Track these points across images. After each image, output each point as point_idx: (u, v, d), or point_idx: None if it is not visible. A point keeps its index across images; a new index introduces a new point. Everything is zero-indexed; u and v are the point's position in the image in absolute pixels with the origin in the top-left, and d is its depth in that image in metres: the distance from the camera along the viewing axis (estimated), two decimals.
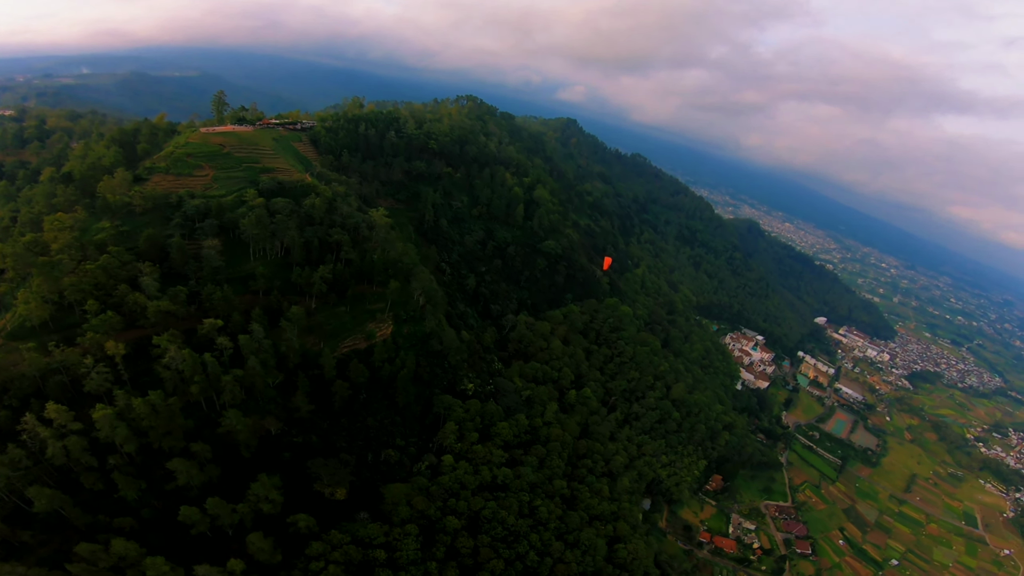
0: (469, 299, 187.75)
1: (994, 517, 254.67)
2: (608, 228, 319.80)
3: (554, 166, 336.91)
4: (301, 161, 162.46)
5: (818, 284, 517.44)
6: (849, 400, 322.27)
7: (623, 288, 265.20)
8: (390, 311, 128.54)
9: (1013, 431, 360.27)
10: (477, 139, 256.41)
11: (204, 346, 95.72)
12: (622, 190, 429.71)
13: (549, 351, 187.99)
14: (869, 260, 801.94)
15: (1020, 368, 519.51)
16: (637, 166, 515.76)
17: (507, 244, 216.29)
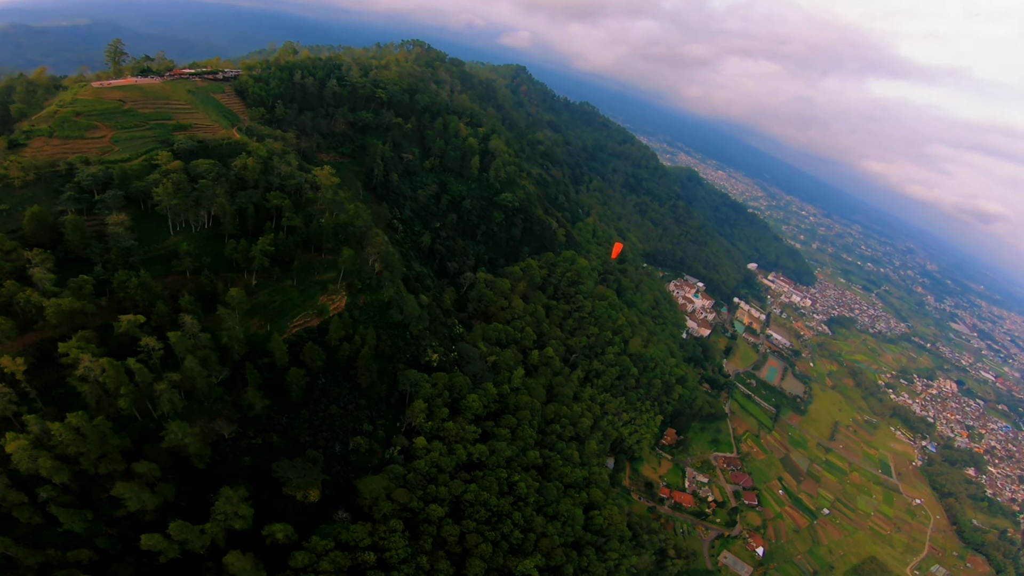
0: (424, 257, 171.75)
1: (905, 466, 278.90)
2: (560, 178, 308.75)
3: (506, 115, 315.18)
4: (225, 116, 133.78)
5: (750, 231, 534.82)
6: (779, 347, 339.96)
7: (578, 239, 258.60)
8: (343, 281, 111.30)
9: (917, 377, 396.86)
10: (428, 87, 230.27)
11: (126, 348, 76.50)
12: (571, 139, 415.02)
13: (511, 310, 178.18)
14: (791, 208, 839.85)
15: (921, 314, 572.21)
16: (585, 115, 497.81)
17: (462, 197, 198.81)
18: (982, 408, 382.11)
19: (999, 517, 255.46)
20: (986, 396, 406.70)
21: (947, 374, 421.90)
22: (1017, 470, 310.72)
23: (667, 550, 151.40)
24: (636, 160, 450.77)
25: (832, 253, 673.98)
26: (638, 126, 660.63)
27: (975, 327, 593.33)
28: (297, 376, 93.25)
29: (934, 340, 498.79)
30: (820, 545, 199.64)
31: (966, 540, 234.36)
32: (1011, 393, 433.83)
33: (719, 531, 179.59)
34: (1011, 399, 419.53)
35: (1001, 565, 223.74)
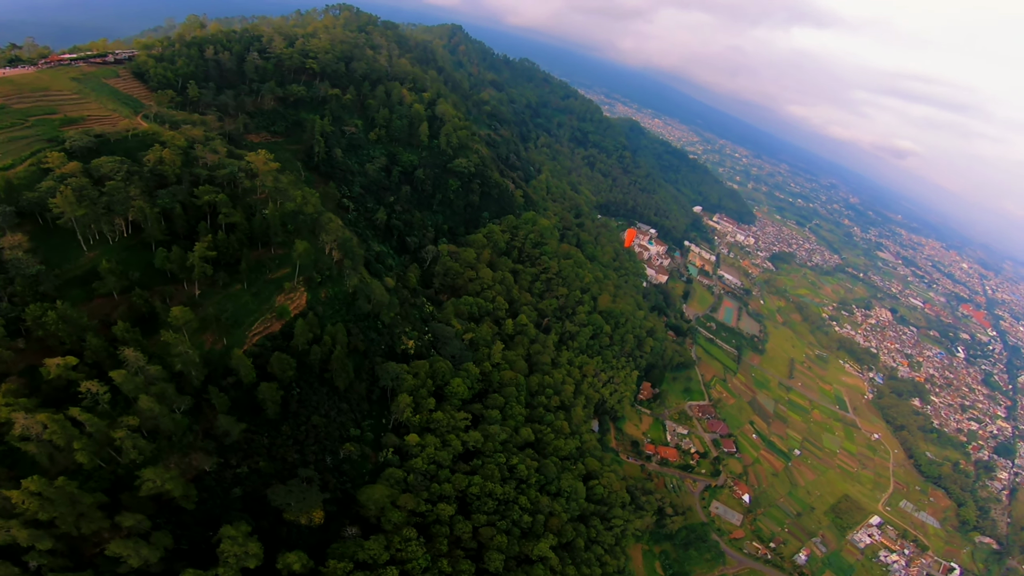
0: (381, 235, 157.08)
1: (858, 400, 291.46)
2: (509, 137, 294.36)
3: (448, 77, 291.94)
4: (125, 103, 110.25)
5: (692, 176, 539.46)
6: (731, 287, 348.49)
7: (534, 197, 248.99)
8: (300, 276, 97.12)
9: (855, 307, 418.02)
10: (364, 54, 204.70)
11: (64, 394, 63.37)
12: (515, 96, 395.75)
13: (479, 280, 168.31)
14: (725, 151, 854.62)
15: (851, 245, 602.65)
16: (526, 71, 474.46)
17: (414, 167, 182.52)
18: (916, 335, 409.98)
19: (949, 448, 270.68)
20: (918, 323, 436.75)
21: (881, 303, 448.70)
22: (957, 398, 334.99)
23: (664, 508, 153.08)
24: (580, 114, 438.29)
25: (766, 192, 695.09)
26: (576, 79, 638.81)
27: (899, 255, 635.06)
28: (269, 391, 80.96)
29: (865, 270, 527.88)
30: (798, 487, 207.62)
31: (924, 473, 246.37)
32: (939, 318, 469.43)
33: (706, 482, 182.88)
34: (940, 324, 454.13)
35: (960, 498, 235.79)
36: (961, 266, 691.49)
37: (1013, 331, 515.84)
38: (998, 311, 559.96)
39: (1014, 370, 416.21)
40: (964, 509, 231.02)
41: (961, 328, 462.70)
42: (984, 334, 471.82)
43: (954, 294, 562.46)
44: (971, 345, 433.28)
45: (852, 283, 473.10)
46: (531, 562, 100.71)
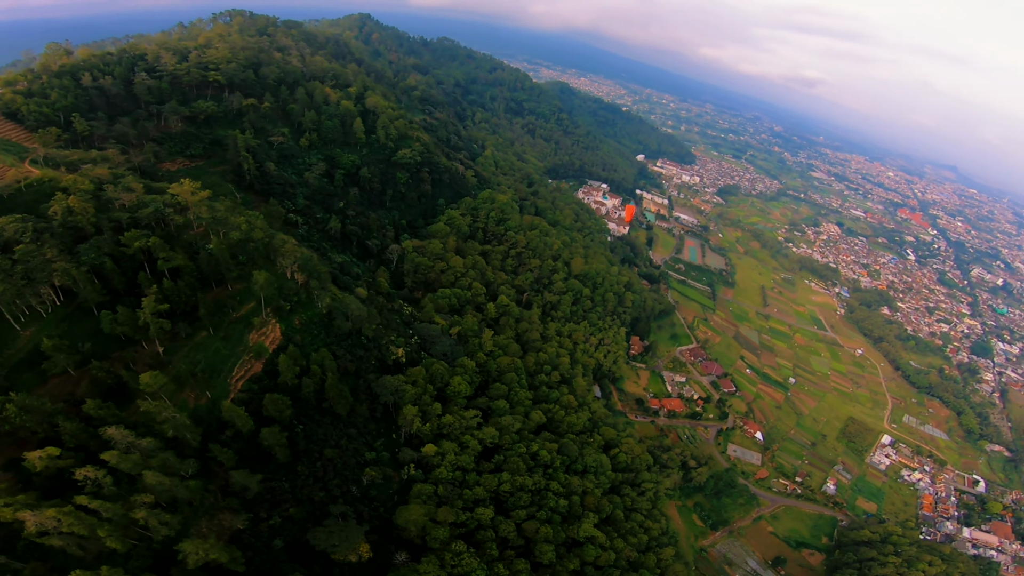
0: (339, 244, 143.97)
1: (833, 317, 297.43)
2: (446, 119, 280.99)
3: (369, 67, 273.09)
4: (5, 149, 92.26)
5: (628, 127, 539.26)
6: (689, 226, 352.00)
7: (485, 175, 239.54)
8: (267, 308, 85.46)
9: (805, 226, 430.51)
10: (272, 57, 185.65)
11: (59, 482, 56.61)
12: (442, 77, 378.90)
13: (451, 270, 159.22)
14: (652, 99, 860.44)
15: (785, 169, 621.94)
16: (447, 51, 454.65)
17: (357, 167, 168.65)
18: (866, 244, 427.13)
19: (929, 355, 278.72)
20: (864, 232, 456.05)
21: (826, 219, 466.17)
22: (921, 301, 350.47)
23: (687, 462, 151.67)
24: (510, 84, 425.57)
25: (698, 132, 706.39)
26: (498, 51, 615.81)
27: (830, 172, 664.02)
28: (273, 436, 72.90)
29: (804, 190, 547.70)
30: (803, 416, 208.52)
31: (914, 384, 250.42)
32: (882, 225, 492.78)
33: (716, 426, 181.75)
34: (885, 230, 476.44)
35: (957, 407, 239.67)
36: (887, 175, 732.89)
37: (951, 227, 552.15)
38: (932, 211, 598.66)
39: (964, 266, 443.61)
40: (964, 417, 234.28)
41: (904, 231, 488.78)
42: (926, 234, 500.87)
43: (889, 201, 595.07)
44: (917, 246, 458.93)
45: (796, 204, 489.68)
46: (579, 544, 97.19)
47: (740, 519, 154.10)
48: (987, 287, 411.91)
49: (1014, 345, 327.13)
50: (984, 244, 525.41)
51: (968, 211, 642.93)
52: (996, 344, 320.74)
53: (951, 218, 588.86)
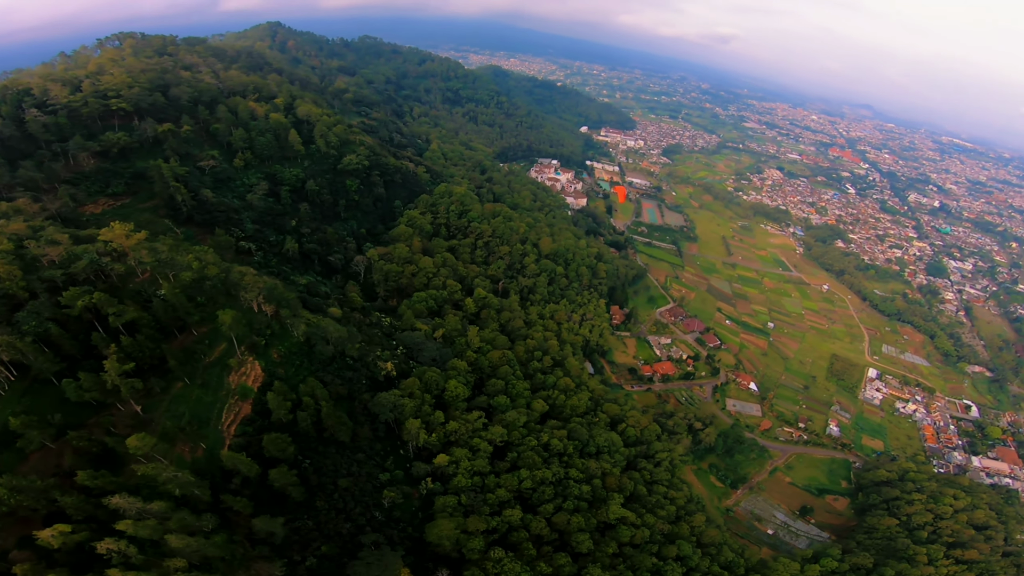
0: (300, 265, 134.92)
1: (793, 256, 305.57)
2: (384, 118, 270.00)
3: (292, 75, 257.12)
4: None
5: (566, 101, 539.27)
6: (643, 189, 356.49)
7: (437, 169, 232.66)
8: (241, 346, 77.62)
9: (749, 174, 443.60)
10: (180, 77, 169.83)
11: (81, 555, 52.92)
12: (370, 76, 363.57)
13: (422, 272, 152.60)
14: (583, 71, 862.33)
15: (720, 124, 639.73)
16: (371, 48, 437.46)
17: (302, 181, 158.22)
18: (808, 184, 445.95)
19: (890, 281, 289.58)
20: (803, 173, 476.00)
21: (767, 165, 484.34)
22: (870, 231, 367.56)
23: (693, 424, 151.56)
24: (442, 75, 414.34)
25: (633, 98, 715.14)
26: (422, 43, 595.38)
27: (760, 121, 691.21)
28: (283, 477, 68.57)
29: (741, 141, 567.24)
30: (789, 360, 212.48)
31: (883, 312, 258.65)
32: (818, 165, 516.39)
33: (711, 383, 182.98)
34: (822, 169, 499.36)
35: (929, 330, 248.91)
36: (812, 118, 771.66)
37: (880, 160, 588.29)
38: (859, 146, 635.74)
39: (901, 193, 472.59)
40: (938, 340, 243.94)
41: (839, 168, 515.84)
42: (859, 168, 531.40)
43: (819, 142, 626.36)
44: (854, 180, 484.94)
45: (737, 155, 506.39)
46: (611, 527, 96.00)
47: (757, 474, 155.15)
48: (926, 210, 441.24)
49: (966, 261, 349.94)
50: (913, 172, 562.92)
51: (891, 143, 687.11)
52: (949, 263, 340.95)
53: (878, 151, 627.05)
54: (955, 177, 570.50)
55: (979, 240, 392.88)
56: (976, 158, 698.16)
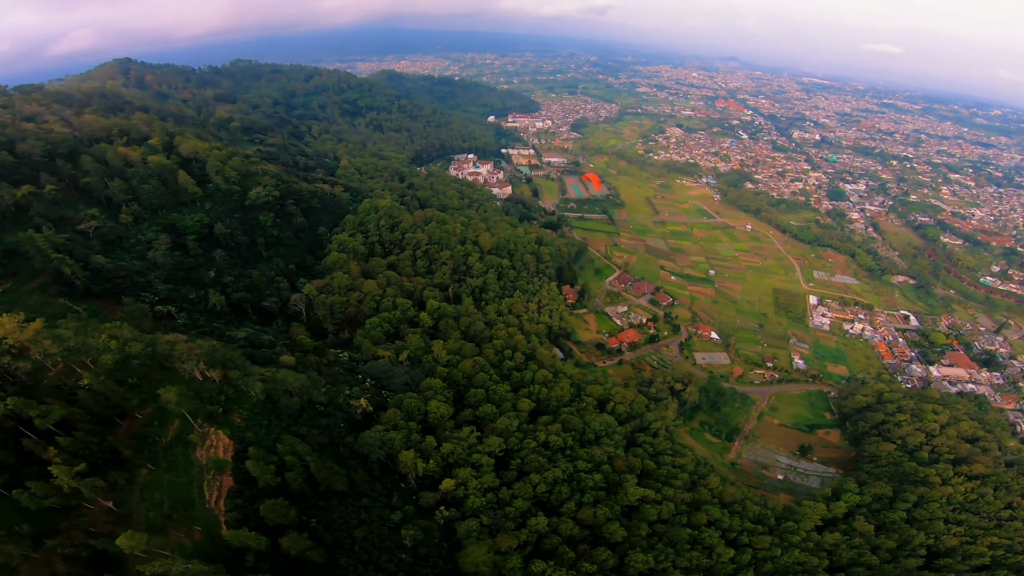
0: (233, 318, 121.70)
1: (713, 204, 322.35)
2: (282, 142, 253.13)
3: (163, 112, 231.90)
4: None
5: (469, 94, 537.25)
6: (562, 167, 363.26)
7: (354, 186, 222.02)
8: (198, 420, 68.02)
9: (653, 135, 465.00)
10: (22, 129, 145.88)
11: None
12: (254, 100, 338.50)
13: (369, 297, 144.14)
14: (476, 62, 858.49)
15: (615, 92, 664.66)
16: (247, 71, 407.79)
17: (209, 227, 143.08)
18: (706, 136, 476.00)
19: (801, 211, 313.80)
20: (700, 127, 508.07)
21: (666, 124, 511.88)
22: (771, 170, 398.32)
23: (673, 387, 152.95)
24: (335, 87, 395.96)
25: (530, 80, 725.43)
26: (301, 58, 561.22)
27: (650, 85, 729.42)
28: (297, 543, 62.24)
29: (639, 106, 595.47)
30: (738, 302, 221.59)
31: (803, 240, 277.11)
32: (710, 117, 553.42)
33: (676, 341, 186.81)
34: (714, 121, 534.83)
35: (848, 249, 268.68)
36: (692, 76, 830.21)
37: (759, 105, 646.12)
38: (739, 96, 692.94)
39: (785, 132, 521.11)
40: (859, 258, 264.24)
41: (728, 118, 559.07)
42: (744, 116, 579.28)
43: (704, 96, 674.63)
44: (744, 127, 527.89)
45: (638, 120, 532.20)
46: (634, 508, 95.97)
47: (746, 422, 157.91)
48: (810, 144, 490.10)
49: (858, 183, 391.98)
50: (790, 112, 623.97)
51: (764, 90, 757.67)
52: (845, 187, 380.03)
53: (756, 98, 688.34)
54: (825, 112, 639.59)
55: (863, 163, 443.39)
56: (836, 93, 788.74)
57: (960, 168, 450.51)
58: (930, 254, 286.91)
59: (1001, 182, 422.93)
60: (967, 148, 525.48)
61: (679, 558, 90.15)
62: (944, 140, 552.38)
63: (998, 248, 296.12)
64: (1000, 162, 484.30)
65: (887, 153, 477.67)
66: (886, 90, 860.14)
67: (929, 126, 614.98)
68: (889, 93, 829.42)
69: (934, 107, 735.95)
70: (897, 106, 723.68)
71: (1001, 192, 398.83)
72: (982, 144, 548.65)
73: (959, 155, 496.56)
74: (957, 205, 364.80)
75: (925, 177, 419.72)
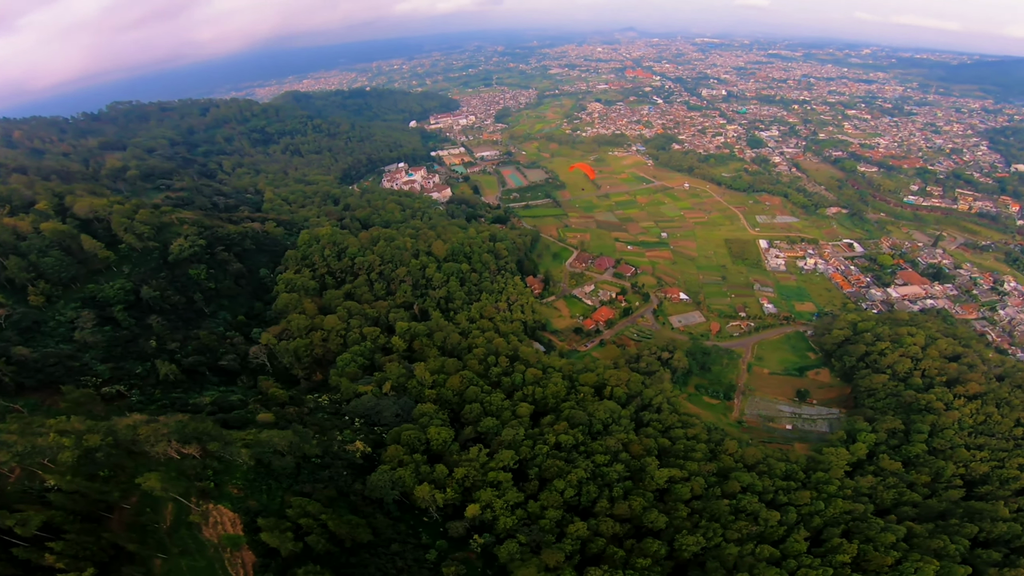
0: (191, 385, 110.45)
1: (648, 170, 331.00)
2: (192, 184, 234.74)
3: (44, 170, 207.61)
4: None
5: (385, 103, 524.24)
6: (496, 159, 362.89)
7: (286, 219, 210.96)
8: (191, 499, 60.86)
9: (576, 113, 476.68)
10: None
11: None
12: (148, 144, 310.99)
13: (333, 333, 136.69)
14: (384, 69, 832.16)
15: (529, 78, 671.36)
16: (131, 113, 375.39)
17: (134, 292, 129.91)
18: (626, 107, 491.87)
19: (728, 163, 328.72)
20: (616, 99, 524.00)
21: (585, 101, 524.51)
22: (693, 129, 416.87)
23: (660, 356, 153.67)
24: (238, 117, 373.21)
25: (444, 79, 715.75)
26: (191, 93, 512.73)
27: (561, 65, 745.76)
28: None
29: (556, 87, 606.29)
30: (696, 259, 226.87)
31: (738, 188, 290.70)
32: (624, 88, 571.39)
33: (648, 309, 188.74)
34: (628, 91, 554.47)
35: (780, 190, 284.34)
36: (598, 51, 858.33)
37: (664, 70, 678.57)
38: (645, 63, 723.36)
39: (695, 93, 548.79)
40: (792, 197, 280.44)
41: (640, 86, 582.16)
42: (654, 82, 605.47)
43: (614, 68, 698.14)
44: (657, 92, 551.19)
45: (558, 101, 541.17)
46: (665, 491, 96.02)
47: (738, 377, 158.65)
48: (719, 100, 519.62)
49: (771, 129, 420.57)
50: (693, 72, 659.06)
51: (664, 55, 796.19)
52: (760, 134, 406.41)
53: (660, 64, 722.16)
54: (723, 69, 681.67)
55: (769, 111, 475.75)
56: (727, 50, 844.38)
57: (853, 104, 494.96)
58: (853, 184, 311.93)
59: (893, 112, 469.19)
60: (852, 86, 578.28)
61: (728, 531, 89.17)
62: (831, 81, 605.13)
63: (910, 170, 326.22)
64: (885, 95, 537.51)
65: (787, 99, 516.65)
66: (768, 42, 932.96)
67: (814, 70, 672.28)
68: (772, 44, 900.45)
69: (813, 52, 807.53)
70: (782, 55, 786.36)
71: (896, 121, 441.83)
72: (864, 81, 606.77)
73: (848, 93, 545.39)
74: (861, 137, 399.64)
75: (826, 116, 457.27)
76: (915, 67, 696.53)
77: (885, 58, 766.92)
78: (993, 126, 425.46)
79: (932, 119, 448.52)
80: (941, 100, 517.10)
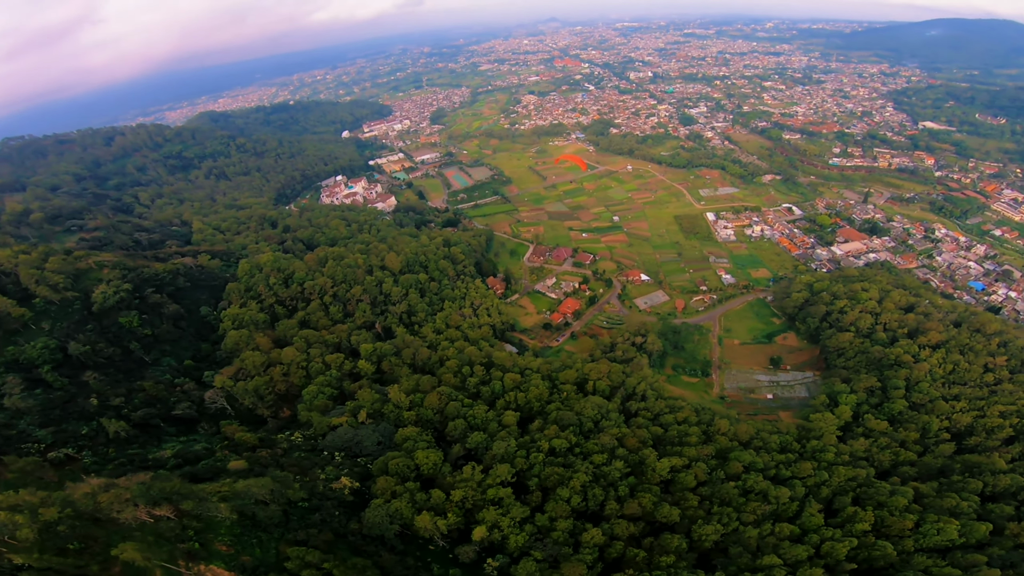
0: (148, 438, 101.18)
1: (591, 156, 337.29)
2: (108, 221, 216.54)
3: None
4: None
5: (313, 115, 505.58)
6: (438, 161, 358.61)
7: (222, 248, 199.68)
8: (177, 563, 55.82)
9: (511, 107, 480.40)
10: None
11: None
12: (50, 182, 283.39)
13: (294, 366, 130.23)
14: (306, 81, 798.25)
15: (461, 76, 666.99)
16: (24, 150, 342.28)
17: (61, 350, 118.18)
18: (560, 96, 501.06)
19: (666, 142, 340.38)
20: (549, 89, 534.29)
21: (519, 94, 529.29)
22: (627, 112, 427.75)
23: (634, 341, 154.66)
24: (149, 144, 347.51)
25: (372, 86, 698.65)
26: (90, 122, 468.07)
27: (490, 61, 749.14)
28: None
29: (488, 84, 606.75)
30: (650, 239, 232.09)
31: (677, 166, 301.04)
32: (555, 78, 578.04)
33: (613, 295, 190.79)
34: (560, 81, 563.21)
35: (717, 164, 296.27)
36: (524, 43, 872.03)
37: (591, 56, 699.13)
38: (571, 52, 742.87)
39: (623, 76, 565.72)
40: (729, 168, 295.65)
41: (570, 75, 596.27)
42: (583, 69, 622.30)
43: (543, 60, 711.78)
44: (587, 79, 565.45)
45: (492, 96, 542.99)
46: (669, 482, 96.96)
47: (711, 352, 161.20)
48: (647, 82, 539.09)
49: (699, 106, 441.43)
50: (618, 57, 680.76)
51: (589, 42, 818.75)
52: (690, 112, 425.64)
53: (586, 51, 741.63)
54: (646, 51, 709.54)
55: (694, 88, 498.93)
56: (646, 32, 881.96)
57: (768, 76, 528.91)
58: (781, 151, 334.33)
59: (803, 82, 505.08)
60: (763, 59, 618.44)
61: (743, 514, 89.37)
62: (744, 56, 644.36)
63: (829, 134, 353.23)
64: (793, 65, 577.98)
65: (708, 76, 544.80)
66: (682, 22, 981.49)
67: (728, 46, 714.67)
68: (686, 23, 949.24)
69: (724, 29, 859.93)
70: (697, 34, 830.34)
71: (808, 90, 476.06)
72: (772, 54, 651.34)
73: (761, 66, 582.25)
74: (780, 107, 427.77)
75: (747, 90, 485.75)
76: (814, 37, 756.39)
77: (787, 30, 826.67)
78: (895, 88, 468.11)
79: (839, 85, 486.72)
80: (843, 67, 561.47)
